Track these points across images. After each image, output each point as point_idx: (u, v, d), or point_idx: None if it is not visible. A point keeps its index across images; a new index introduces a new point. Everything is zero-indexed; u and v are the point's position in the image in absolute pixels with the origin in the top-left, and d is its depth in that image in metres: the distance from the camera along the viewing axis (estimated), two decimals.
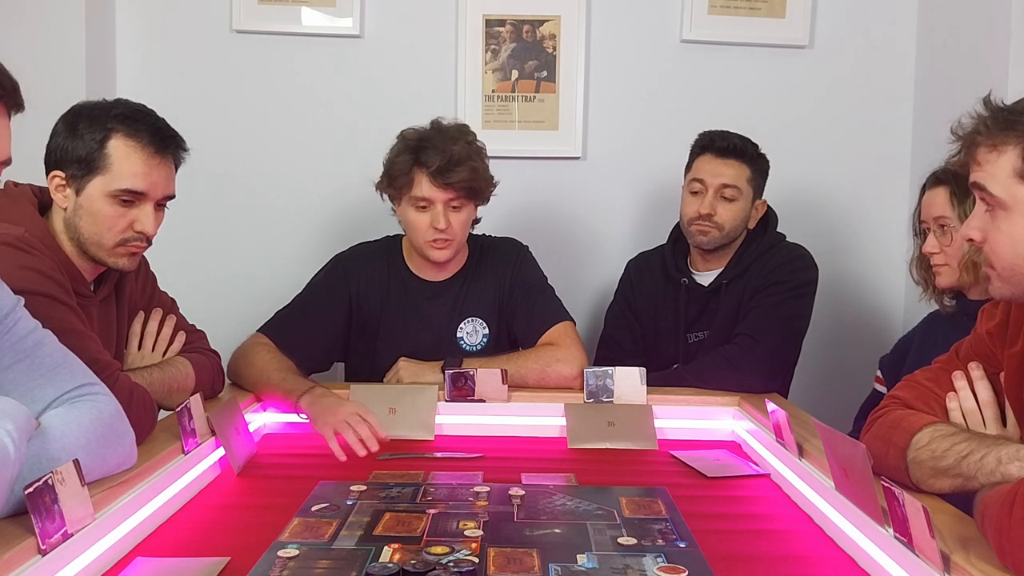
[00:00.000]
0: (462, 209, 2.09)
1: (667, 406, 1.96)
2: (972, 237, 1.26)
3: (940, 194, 1.86)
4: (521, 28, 2.72)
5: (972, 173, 1.25)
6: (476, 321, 2.19)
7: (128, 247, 1.63)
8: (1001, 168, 1.19)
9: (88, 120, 1.59)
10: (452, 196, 2.06)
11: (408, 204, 2.09)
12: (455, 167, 2.03)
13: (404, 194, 2.08)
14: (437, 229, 2.06)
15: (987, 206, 1.23)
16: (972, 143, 1.24)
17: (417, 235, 2.10)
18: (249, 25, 2.68)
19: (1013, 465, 1.16)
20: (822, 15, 2.76)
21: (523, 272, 2.23)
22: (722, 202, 2.24)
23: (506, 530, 1.33)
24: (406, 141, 2.09)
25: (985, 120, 1.22)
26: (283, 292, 2.22)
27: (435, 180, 2.03)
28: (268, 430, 1.93)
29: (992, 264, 1.25)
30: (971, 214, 1.28)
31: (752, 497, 1.56)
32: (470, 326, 2.19)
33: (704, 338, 2.29)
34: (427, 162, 2.03)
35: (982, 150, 1.22)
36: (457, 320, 2.19)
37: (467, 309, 2.20)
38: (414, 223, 2.09)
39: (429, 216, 2.07)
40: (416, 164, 2.05)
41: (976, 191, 1.25)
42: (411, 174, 2.05)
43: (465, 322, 2.19)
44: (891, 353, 2.10)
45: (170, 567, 1.19)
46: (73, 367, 1.31)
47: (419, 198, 2.06)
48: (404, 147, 2.08)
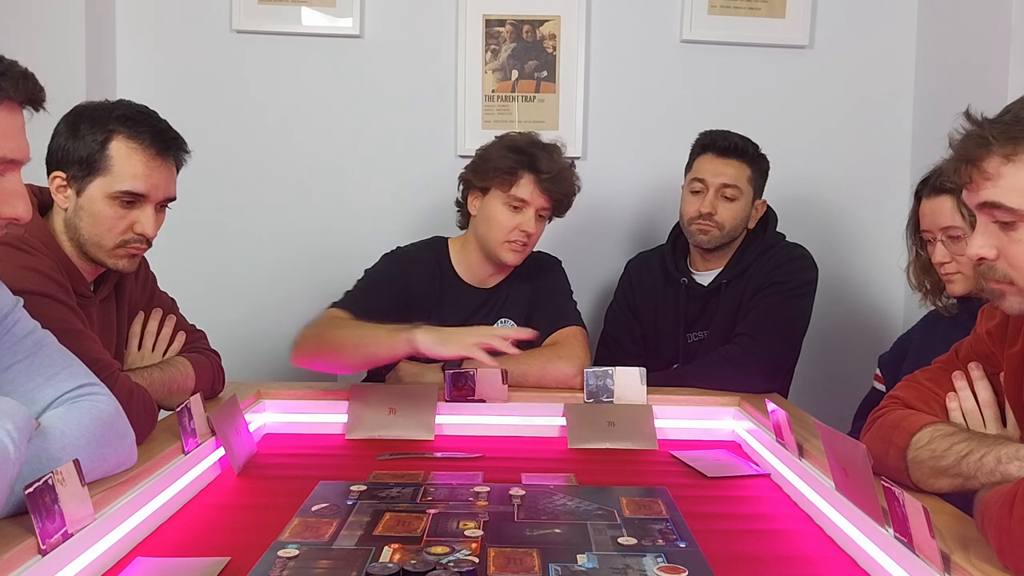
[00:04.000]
0: (544, 221, 2.15)
1: (667, 406, 1.96)
2: (984, 256, 1.19)
3: (945, 203, 1.84)
4: (521, 28, 2.72)
5: (981, 191, 1.16)
6: (507, 323, 2.20)
7: (128, 248, 1.62)
8: (1019, 179, 1.13)
9: (90, 121, 1.59)
10: (547, 205, 2.12)
11: (499, 200, 2.11)
12: (561, 181, 2.10)
13: (499, 190, 2.11)
14: (524, 232, 2.10)
15: (1000, 222, 1.16)
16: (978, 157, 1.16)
17: (498, 233, 2.12)
18: (249, 25, 2.68)
19: (1013, 464, 1.16)
20: (822, 15, 2.76)
21: (552, 281, 2.27)
22: (723, 202, 2.24)
23: (506, 530, 1.33)
24: (515, 142, 2.13)
25: (990, 131, 1.15)
26: (283, 292, 2.22)
27: (541, 186, 2.08)
28: (268, 430, 1.93)
29: (1012, 280, 1.19)
30: (976, 231, 1.21)
31: (752, 497, 1.56)
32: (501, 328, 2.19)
33: (704, 338, 2.30)
34: (540, 167, 2.08)
35: (994, 162, 1.14)
36: (492, 322, 2.19)
37: (503, 313, 2.22)
38: (500, 221, 2.11)
39: (519, 218, 2.10)
40: (526, 167, 2.09)
41: (985, 210, 1.17)
42: (517, 174, 2.09)
43: (498, 323, 2.19)
44: (890, 351, 2.10)
45: (170, 567, 1.19)
46: (73, 367, 1.31)
47: (518, 198, 2.10)
48: (512, 146, 2.12)
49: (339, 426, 1.90)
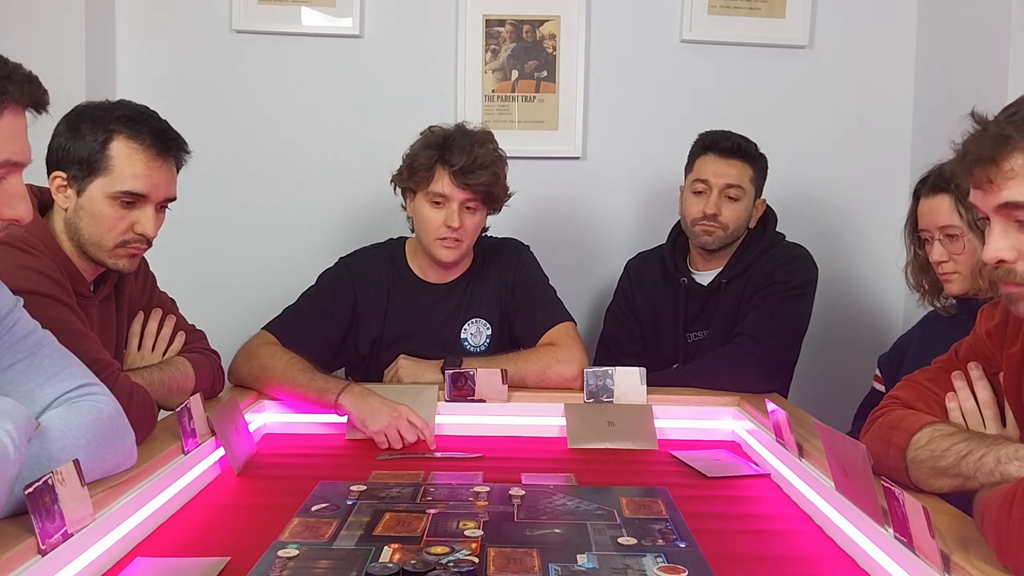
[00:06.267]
0: (476, 212, 2.11)
1: (667, 406, 1.96)
2: (1004, 259, 1.15)
3: (943, 202, 1.84)
4: (521, 28, 2.72)
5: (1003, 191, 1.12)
6: (480, 322, 2.19)
7: (128, 248, 1.63)
8: None
9: (90, 121, 1.59)
10: (469, 197, 2.07)
11: (424, 199, 2.10)
12: (477, 169, 2.05)
13: (421, 189, 2.09)
14: (449, 227, 2.07)
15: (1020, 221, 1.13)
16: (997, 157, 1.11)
17: (428, 232, 2.10)
18: (249, 25, 2.68)
19: (1012, 465, 1.16)
20: (822, 15, 2.76)
21: (525, 272, 2.23)
22: (726, 202, 2.24)
23: (506, 530, 1.33)
24: (431, 137, 2.10)
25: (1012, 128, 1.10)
26: (283, 292, 2.22)
27: (456, 179, 2.05)
28: (268, 430, 1.94)
29: None
30: (992, 233, 1.16)
31: (752, 497, 1.56)
32: (474, 327, 2.19)
33: (704, 338, 2.30)
34: (451, 160, 2.04)
35: (1018, 159, 1.09)
36: (461, 322, 2.19)
37: (471, 310, 2.20)
38: (427, 219, 2.09)
39: (443, 214, 2.07)
40: (440, 161, 2.06)
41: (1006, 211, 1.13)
42: (432, 170, 2.07)
43: (469, 323, 2.19)
44: (890, 352, 2.10)
45: (170, 567, 1.19)
46: (73, 367, 1.31)
47: (437, 194, 2.07)
48: (429, 143, 2.09)
49: (339, 426, 1.90)
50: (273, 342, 2.03)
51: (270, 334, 2.05)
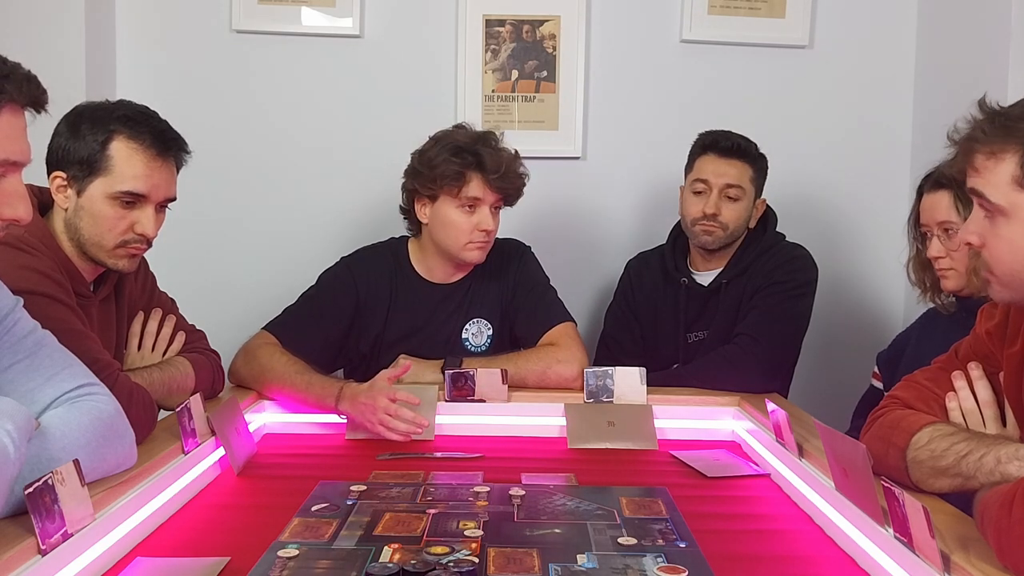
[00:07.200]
0: (498, 213, 2.14)
1: (667, 406, 1.96)
2: (970, 241, 1.25)
3: (943, 198, 1.85)
4: (521, 28, 2.72)
5: (969, 179, 1.23)
6: (481, 322, 2.20)
7: (128, 249, 1.62)
8: (1000, 175, 1.18)
9: (90, 121, 1.59)
10: (499, 198, 2.11)
11: (451, 204, 2.09)
12: (509, 172, 2.08)
13: (448, 194, 2.08)
14: (484, 231, 2.09)
15: (986, 212, 1.22)
16: (969, 149, 1.22)
17: (457, 236, 2.10)
18: (249, 25, 2.68)
19: (1012, 464, 1.16)
20: (822, 15, 2.76)
21: (525, 272, 2.24)
22: (727, 202, 2.24)
23: (506, 530, 1.33)
24: (456, 143, 2.08)
25: (982, 126, 1.20)
26: (283, 292, 2.22)
27: (491, 183, 2.06)
28: (268, 430, 1.94)
29: (992, 270, 1.24)
30: (969, 218, 1.27)
31: (752, 497, 1.56)
32: (475, 327, 2.19)
33: (704, 338, 2.30)
34: (487, 166, 2.05)
35: (980, 157, 1.20)
36: (462, 322, 2.19)
37: (472, 311, 2.20)
38: (456, 223, 2.09)
39: (476, 217, 2.08)
40: (475, 167, 2.06)
41: (974, 197, 1.24)
42: (465, 177, 2.06)
43: (471, 323, 2.19)
44: (888, 349, 2.10)
45: (170, 567, 1.20)
46: (73, 367, 1.31)
47: (471, 198, 2.07)
48: (456, 150, 2.07)
49: (339, 426, 1.90)
50: (273, 342, 2.03)
51: (270, 334, 2.06)
